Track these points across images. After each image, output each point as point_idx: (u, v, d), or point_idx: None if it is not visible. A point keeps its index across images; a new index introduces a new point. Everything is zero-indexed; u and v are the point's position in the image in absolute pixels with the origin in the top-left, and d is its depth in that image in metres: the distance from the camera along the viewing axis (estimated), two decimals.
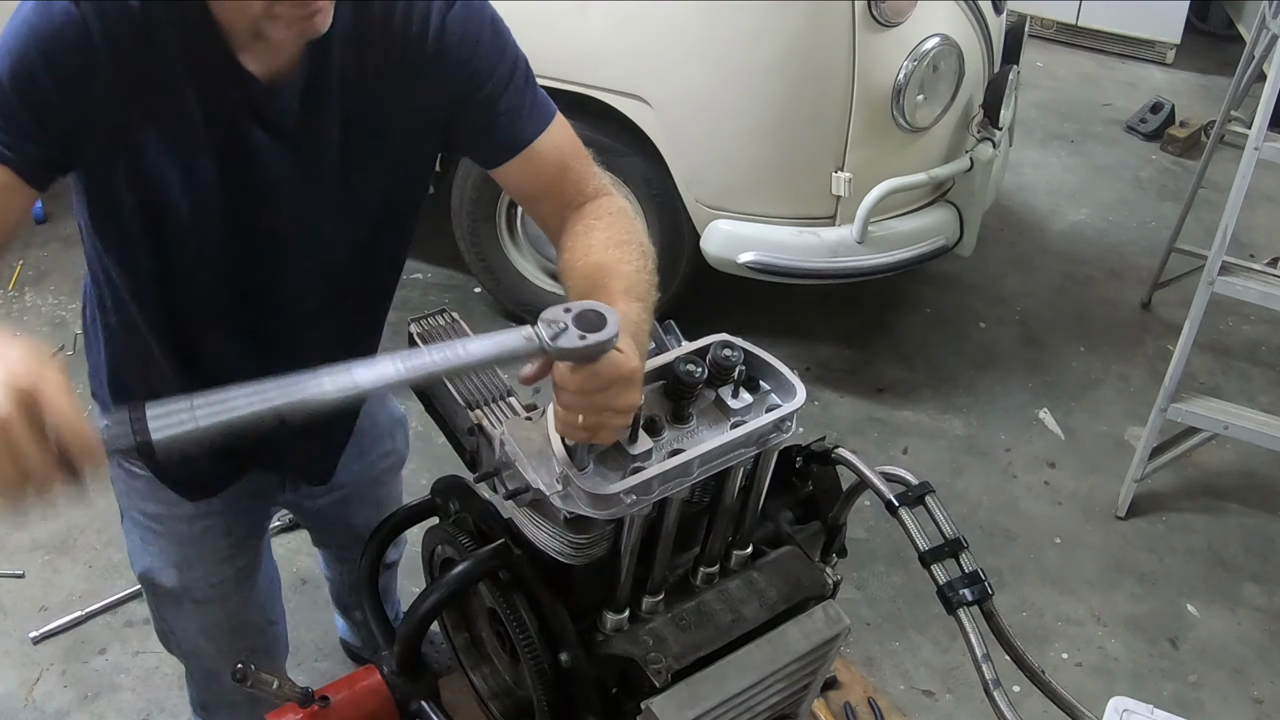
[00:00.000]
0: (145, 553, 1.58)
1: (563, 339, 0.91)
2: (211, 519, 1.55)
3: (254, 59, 1.13)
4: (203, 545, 1.56)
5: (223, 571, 1.60)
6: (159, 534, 1.55)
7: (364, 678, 1.19)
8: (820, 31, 2.70)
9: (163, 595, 1.62)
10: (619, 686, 1.08)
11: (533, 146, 1.26)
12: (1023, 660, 1.10)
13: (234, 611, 1.65)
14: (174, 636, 1.71)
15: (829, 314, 3.49)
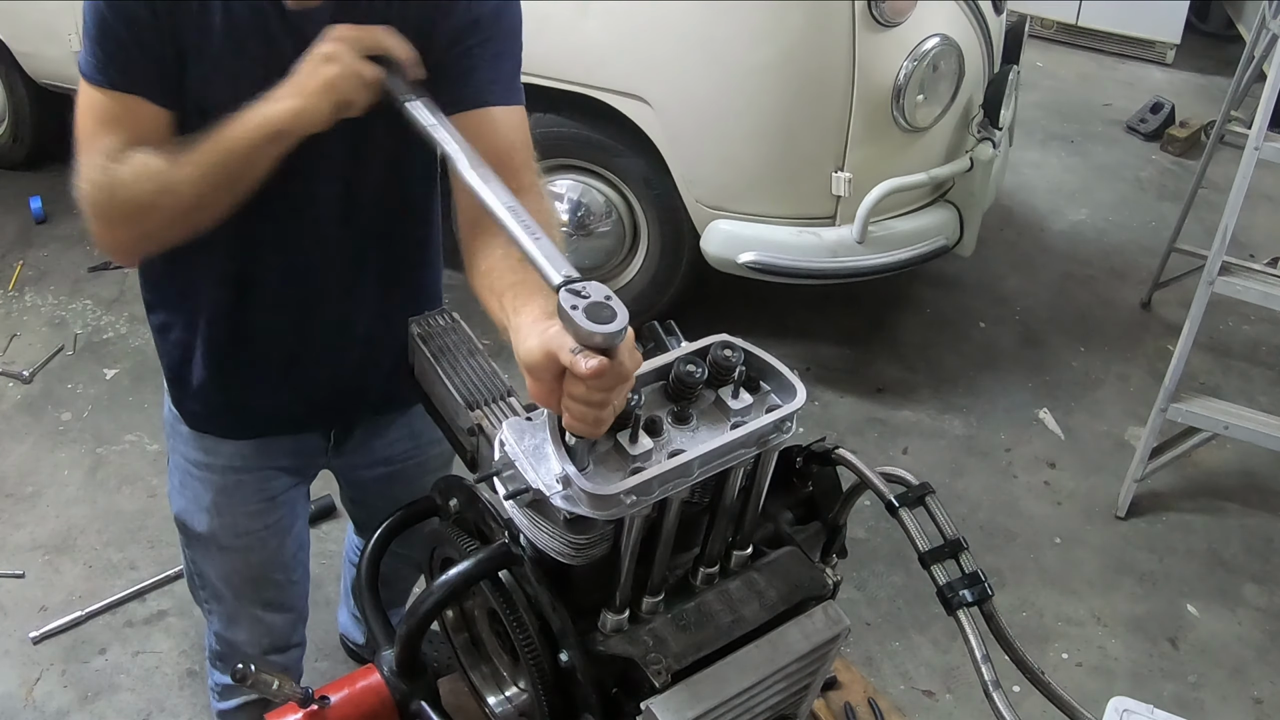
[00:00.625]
0: (182, 495, 1.66)
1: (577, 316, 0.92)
2: (246, 474, 1.62)
3: None
4: (234, 496, 1.63)
5: (250, 524, 1.66)
6: (196, 479, 1.63)
7: (364, 678, 1.19)
8: (820, 31, 2.70)
9: (193, 537, 1.69)
10: (619, 686, 1.07)
11: (495, 111, 1.32)
12: (1023, 660, 1.10)
13: (256, 564, 1.71)
14: (200, 579, 1.76)
15: (829, 314, 3.49)
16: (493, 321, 1.20)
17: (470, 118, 1.30)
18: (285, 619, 1.81)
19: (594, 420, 0.96)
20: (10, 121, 3.94)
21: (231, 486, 1.62)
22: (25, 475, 2.84)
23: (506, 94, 1.33)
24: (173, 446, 1.67)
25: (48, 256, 3.66)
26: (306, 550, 1.81)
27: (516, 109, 1.34)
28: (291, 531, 1.73)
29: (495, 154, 1.28)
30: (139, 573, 2.58)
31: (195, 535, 1.68)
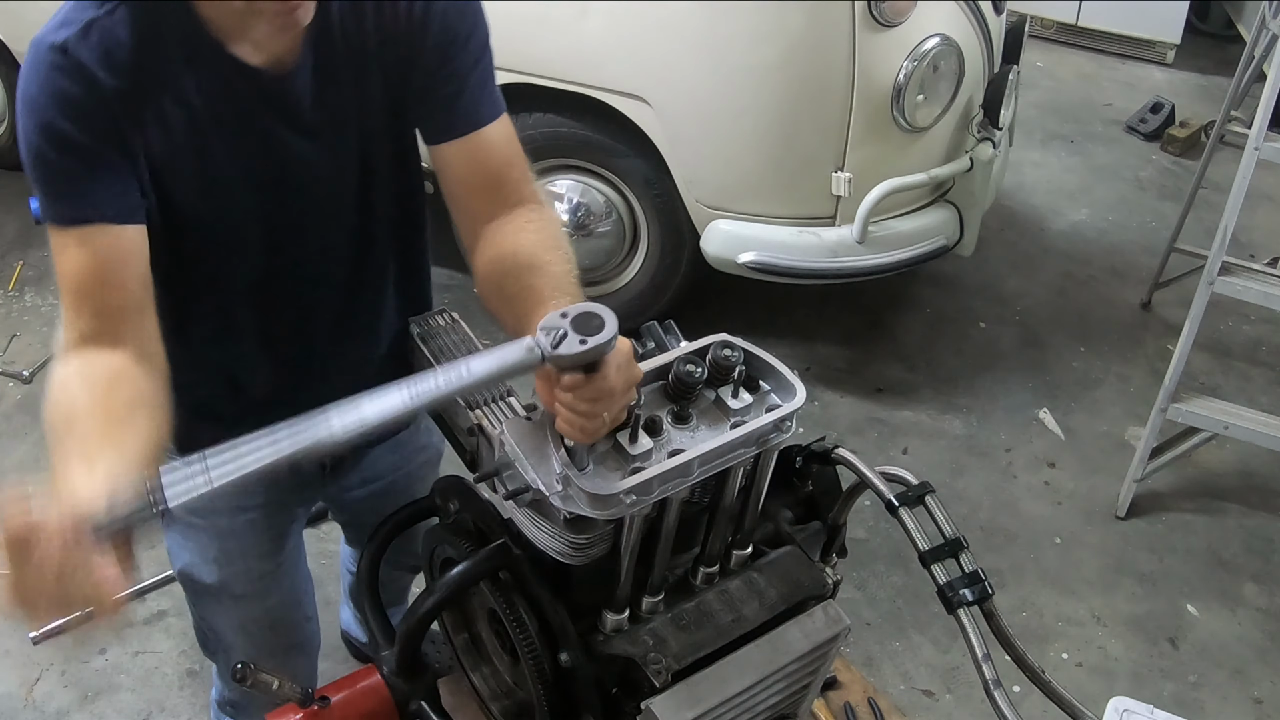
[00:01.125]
0: (184, 549, 1.58)
1: (564, 345, 0.91)
2: (252, 513, 1.56)
3: (254, 50, 1.14)
4: (243, 540, 1.56)
5: (262, 566, 1.60)
6: (199, 529, 1.55)
7: (364, 678, 1.19)
8: (820, 31, 2.70)
9: (201, 592, 1.62)
10: (619, 686, 1.08)
11: (485, 131, 1.28)
12: (1023, 660, 1.10)
13: (273, 607, 1.66)
14: (213, 634, 1.70)
15: (829, 314, 3.49)
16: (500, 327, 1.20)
17: (466, 144, 1.27)
18: (306, 662, 1.78)
19: (579, 429, 0.97)
20: (10, 121, 3.94)
21: (240, 530, 1.55)
22: (25, 475, 2.84)
23: (493, 108, 1.29)
24: None
25: (48, 256, 3.64)
26: (312, 583, 1.78)
27: (502, 119, 1.30)
28: (300, 567, 1.71)
29: (494, 173, 1.29)
30: (139, 573, 2.57)
31: (204, 589, 1.60)
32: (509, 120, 1.31)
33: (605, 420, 0.97)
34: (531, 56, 2.84)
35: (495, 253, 1.23)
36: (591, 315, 0.93)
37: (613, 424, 0.98)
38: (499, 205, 1.28)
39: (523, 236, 1.23)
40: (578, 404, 0.95)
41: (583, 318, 0.92)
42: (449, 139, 1.27)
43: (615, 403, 0.96)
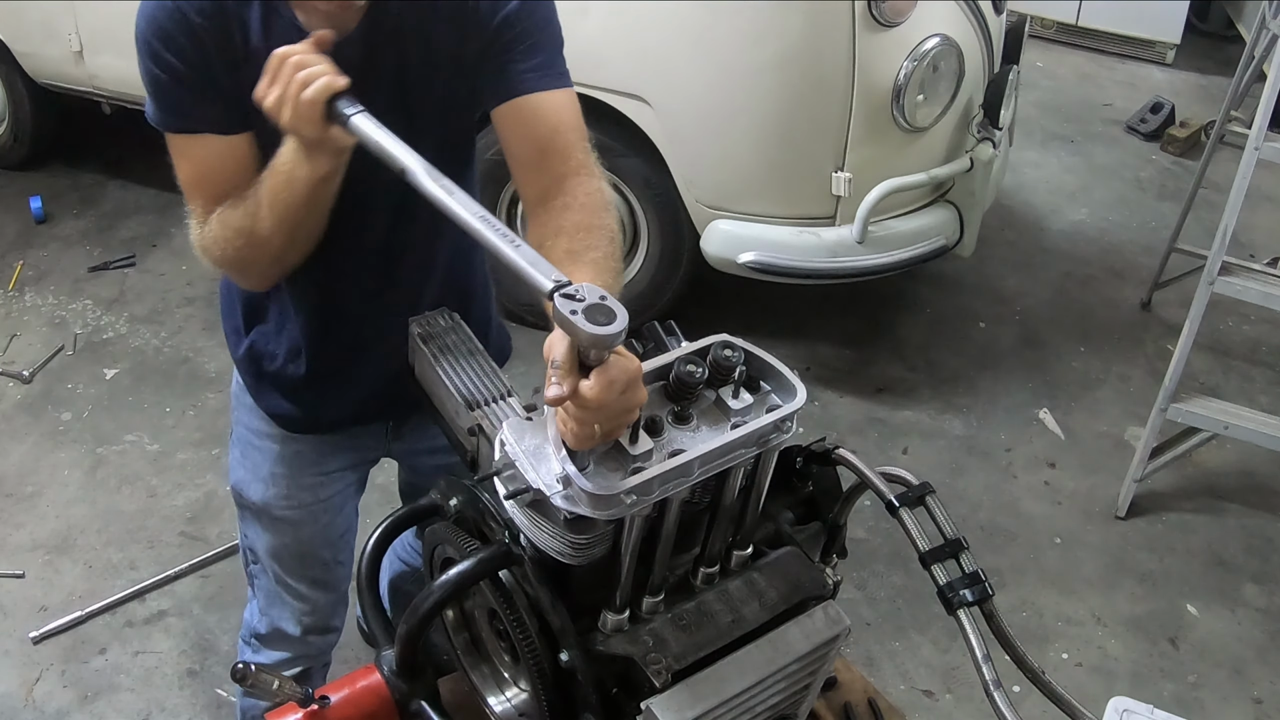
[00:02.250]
0: (241, 466, 1.72)
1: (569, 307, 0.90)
2: (307, 445, 1.67)
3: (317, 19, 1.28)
4: (292, 465, 1.68)
5: (303, 498, 1.69)
6: (257, 449, 1.69)
7: (364, 678, 1.19)
8: (820, 31, 2.70)
9: (246, 507, 1.74)
10: (619, 686, 1.07)
11: (534, 98, 1.36)
12: (1023, 660, 1.10)
13: (305, 539, 1.74)
14: (252, 554, 1.80)
15: (829, 314, 3.49)
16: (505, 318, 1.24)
17: (510, 108, 1.35)
18: (329, 598, 1.84)
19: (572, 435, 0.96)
20: (10, 121, 3.94)
21: (291, 456, 1.67)
22: (25, 475, 2.84)
23: (546, 79, 1.37)
24: (237, 418, 1.72)
25: (48, 256, 3.66)
26: (354, 534, 1.84)
27: (560, 92, 1.39)
28: (342, 511, 1.77)
29: (538, 139, 1.36)
30: (139, 573, 2.58)
31: (249, 505, 1.72)
32: (572, 96, 1.41)
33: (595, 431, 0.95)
34: None
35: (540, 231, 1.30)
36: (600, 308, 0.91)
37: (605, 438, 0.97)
38: (545, 178, 1.35)
39: (567, 216, 1.29)
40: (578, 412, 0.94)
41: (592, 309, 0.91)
42: (496, 104, 1.36)
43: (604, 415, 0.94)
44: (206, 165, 1.34)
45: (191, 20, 1.27)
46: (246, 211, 1.30)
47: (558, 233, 1.28)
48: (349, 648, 2.42)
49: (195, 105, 1.31)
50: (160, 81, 1.30)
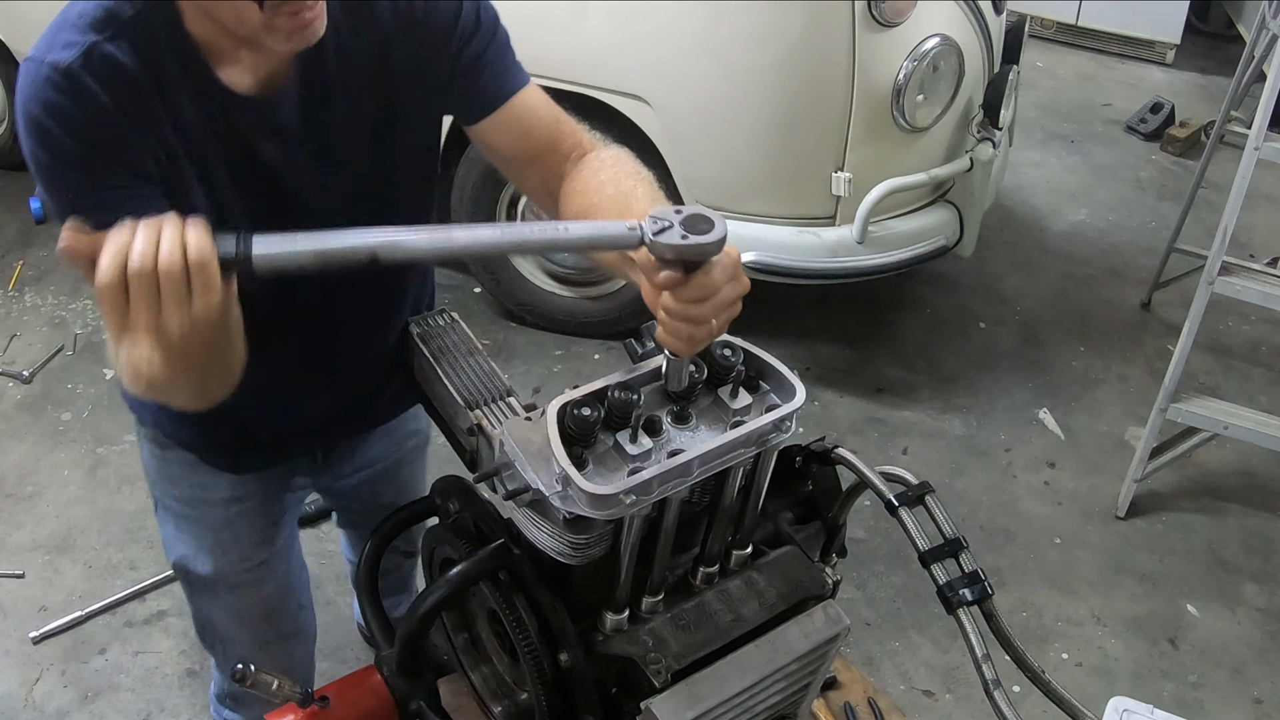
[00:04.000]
0: (180, 540, 1.60)
1: (665, 235, 0.91)
2: (246, 502, 1.56)
3: (243, 73, 1.14)
4: (237, 528, 1.57)
5: (257, 555, 1.61)
6: (193, 520, 1.56)
7: (364, 678, 1.19)
8: (820, 32, 2.70)
9: (197, 583, 1.63)
10: (619, 686, 1.07)
11: (522, 96, 1.29)
12: (1023, 660, 1.10)
13: (268, 596, 1.66)
14: (210, 626, 1.72)
15: (829, 314, 3.49)
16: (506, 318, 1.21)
17: (506, 113, 1.29)
18: (302, 648, 1.79)
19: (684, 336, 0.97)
20: (10, 120, 3.94)
21: (234, 518, 1.56)
22: (25, 475, 2.84)
23: (520, 76, 1.30)
24: (162, 492, 1.59)
25: (48, 256, 3.66)
26: (307, 571, 1.79)
27: (533, 85, 1.32)
28: (293, 553, 1.71)
29: (546, 133, 1.31)
30: (139, 573, 2.58)
31: (200, 580, 1.61)
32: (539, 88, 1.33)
33: (712, 327, 0.97)
34: (531, 56, 2.81)
35: (581, 201, 1.24)
36: (702, 217, 0.93)
37: (718, 332, 0.99)
38: (562, 160, 1.30)
39: (602, 175, 1.25)
40: (680, 306, 0.95)
41: (693, 218, 0.93)
42: (486, 114, 1.28)
43: (721, 307, 0.97)
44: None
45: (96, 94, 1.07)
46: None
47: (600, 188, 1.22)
48: (349, 648, 2.42)
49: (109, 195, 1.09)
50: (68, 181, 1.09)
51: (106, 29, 1.08)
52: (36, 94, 1.07)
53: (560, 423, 1.00)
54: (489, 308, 3.40)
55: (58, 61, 1.06)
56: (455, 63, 1.25)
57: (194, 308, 0.93)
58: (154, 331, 0.93)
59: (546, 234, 0.95)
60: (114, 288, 0.91)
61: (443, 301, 1.61)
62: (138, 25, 1.09)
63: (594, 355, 3.30)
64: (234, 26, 1.07)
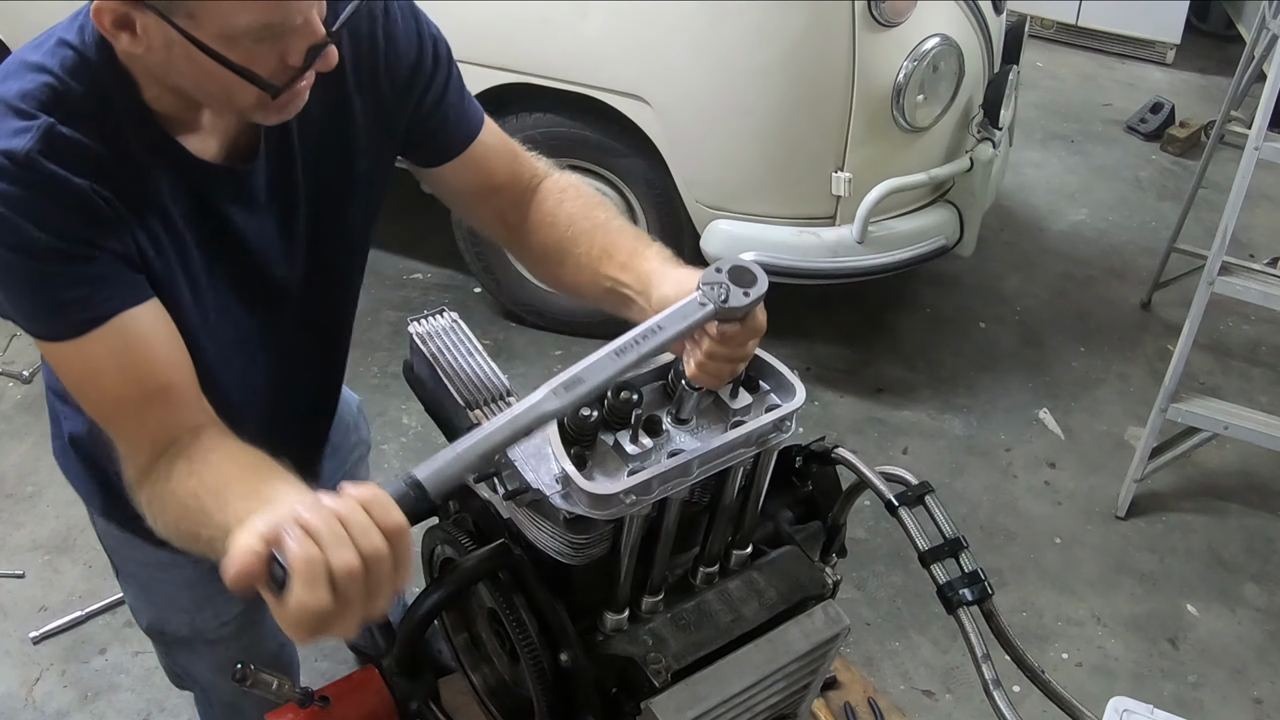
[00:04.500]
0: (150, 604, 1.54)
1: (732, 299, 0.97)
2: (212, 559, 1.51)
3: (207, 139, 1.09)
4: (212, 586, 1.43)
5: (233, 608, 1.54)
6: (164, 581, 1.49)
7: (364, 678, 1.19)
8: (820, 32, 2.70)
9: (174, 642, 1.58)
10: (619, 686, 1.07)
11: (482, 137, 1.29)
12: (1023, 660, 1.10)
13: (248, 646, 1.61)
14: (189, 676, 1.68)
15: (829, 314, 3.49)
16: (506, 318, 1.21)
17: (470, 156, 1.28)
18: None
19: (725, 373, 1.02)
20: None
21: (205, 576, 1.43)
22: (25, 475, 2.84)
23: (479, 115, 1.29)
24: (123, 560, 1.51)
25: None
26: None
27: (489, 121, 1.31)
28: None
29: (506, 170, 1.31)
30: None
31: (176, 639, 1.56)
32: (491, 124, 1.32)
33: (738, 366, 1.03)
34: (531, 56, 2.84)
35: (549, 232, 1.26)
36: (745, 269, 0.99)
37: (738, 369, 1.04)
38: (523, 192, 1.31)
39: (568, 206, 1.27)
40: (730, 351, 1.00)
41: (737, 270, 0.99)
42: (450, 159, 1.28)
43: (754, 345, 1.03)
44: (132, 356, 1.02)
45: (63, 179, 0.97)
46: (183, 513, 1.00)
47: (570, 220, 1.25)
48: (348, 648, 2.42)
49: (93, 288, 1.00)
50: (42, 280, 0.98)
51: (58, 109, 0.99)
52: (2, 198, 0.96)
53: (560, 423, 1.00)
54: (489, 308, 3.40)
55: (11, 150, 0.96)
56: (416, 111, 1.23)
57: (398, 583, 0.80)
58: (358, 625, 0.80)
59: (651, 340, 0.96)
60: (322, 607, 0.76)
61: (443, 302, 1.62)
62: (91, 103, 1.01)
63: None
64: (220, 105, 1.03)
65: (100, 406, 1.06)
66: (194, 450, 1.02)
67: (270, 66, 0.98)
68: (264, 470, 0.99)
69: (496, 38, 2.82)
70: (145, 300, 1.04)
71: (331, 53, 1.01)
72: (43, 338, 1.03)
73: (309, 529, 0.76)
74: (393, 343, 3.16)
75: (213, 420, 1.08)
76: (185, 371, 1.08)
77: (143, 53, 0.97)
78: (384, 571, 0.78)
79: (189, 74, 0.98)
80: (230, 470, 0.99)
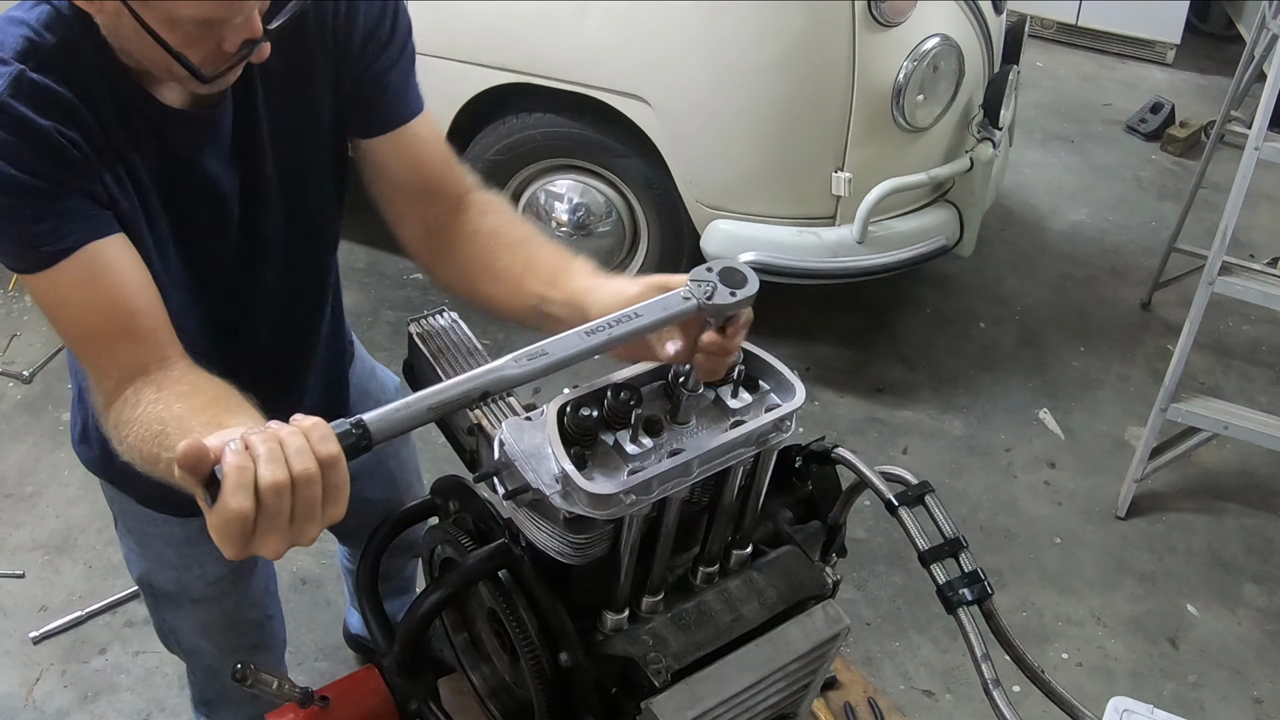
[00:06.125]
0: (142, 557, 1.59)
1: (717, 297, 0.98)
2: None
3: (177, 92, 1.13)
4: (199, 546, 1.54)
5: (219, 570, 1.58)
6: (154, 537, 1.55)
7: (364, 678, 1.19)
8: (820, 31, 2.70)
9: (161, 597, 1.63)
10: (619, 686, 1.07)
11: (415, 125, 1.29)
12: (1023, 660, 1.10)
13: (231, 609, 1.65)
14: (174, 635, 1.72)
15: (829, 314, 3.49)
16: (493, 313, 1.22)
17: (398, 138, 1.28)
18: (270, 659, 1.78)
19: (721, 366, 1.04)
20: None
21: (194, 535, 1.51)
22: (25, 475, 2.84)
23: (418, 103, 1.29)
24: (120, 509, 1.57)
25: None
26: (275, 580, 1.78)
27: (427, 114, 1.31)
28: (260, 568, 1.69)
29: (434, 166, 1.31)
30: None
31: (164, 594, 1.61)
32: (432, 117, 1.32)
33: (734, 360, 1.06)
34: (531, 56, 2.84)
35: (470, 243, 1.27)
36: (736, 270, 1.01)
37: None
38: (453, 200, 1.31)
39: (490, 219, 1.28)
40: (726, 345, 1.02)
41: (728, 271, 1.00)
42: (382, 132, 1.28)
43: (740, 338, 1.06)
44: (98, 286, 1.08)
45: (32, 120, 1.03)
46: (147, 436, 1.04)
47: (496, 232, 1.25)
48: (348, 648, 2.42)
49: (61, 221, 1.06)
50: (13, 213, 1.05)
51: (30, 59, 1.05)
52: None
53: (560, 422, 1.00)
54: None
55: None
56: (365, 72, 1.25)
57: (328, 514, 0.84)
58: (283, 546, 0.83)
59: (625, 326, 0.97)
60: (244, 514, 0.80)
61: (442, 302, 1.62)
62: (62, 54, 1.06)
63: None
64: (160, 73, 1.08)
65: (72, 336, 1.13)
66: (163, 379, 1.08)
67: (205, 51, 1.04)
68: (229, 402, 1.04)
69: (497, 38, 2.82)
70: (112, 234, 1.10)
71: (265, 48, 1.06)
72: (16, 270, 1.09)
73: (248, 444, 0.82)
74: (393, 343, 3.16)
75: (182, 355, 1.13)
76: (153, 303, 1.12)
77: (97, 15, 1.04)
78: (312, 495, 0.82)
79: (134, 42, 1.04)
80: (196, 401, 1.04)
